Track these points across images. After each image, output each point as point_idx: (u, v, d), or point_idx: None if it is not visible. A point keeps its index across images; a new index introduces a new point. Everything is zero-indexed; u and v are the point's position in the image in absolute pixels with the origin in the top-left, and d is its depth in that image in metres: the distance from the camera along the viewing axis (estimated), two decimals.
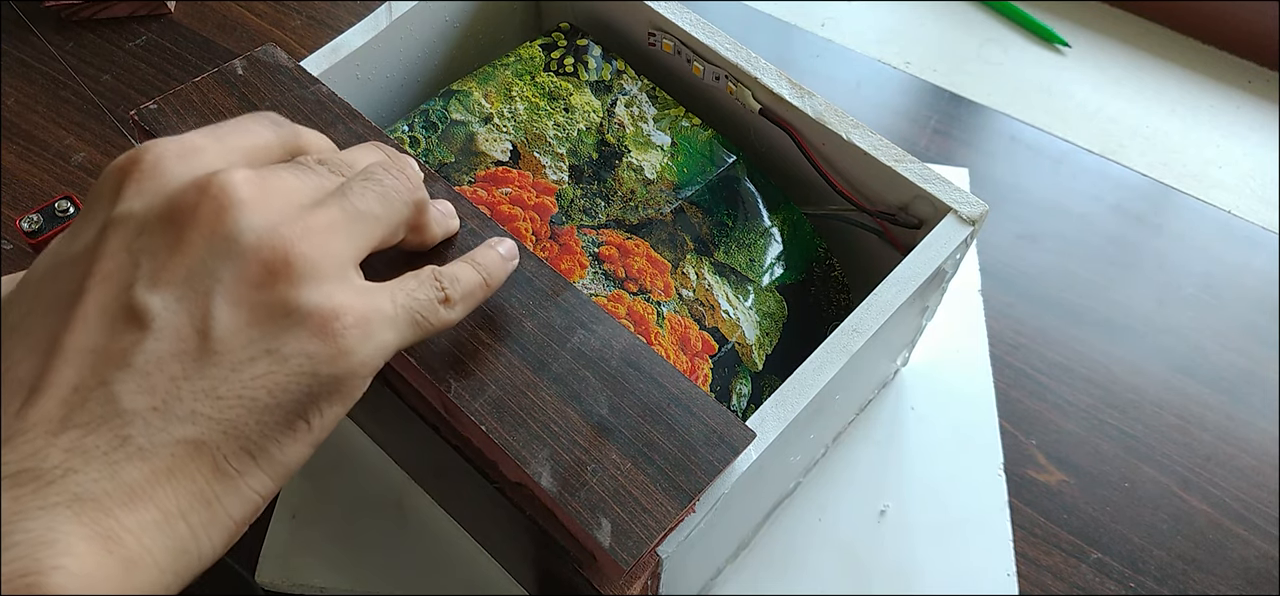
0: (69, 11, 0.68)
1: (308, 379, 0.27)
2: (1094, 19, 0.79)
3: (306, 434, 0.27)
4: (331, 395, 0.27)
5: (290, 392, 0.26)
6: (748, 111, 0.47)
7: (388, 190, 0.31)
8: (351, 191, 0.30)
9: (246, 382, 0.26)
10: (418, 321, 0.30)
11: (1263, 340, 0.59)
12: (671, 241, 0.44)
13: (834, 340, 0.39)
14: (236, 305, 0.26)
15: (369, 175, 0.31)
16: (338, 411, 0.28)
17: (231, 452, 0.26)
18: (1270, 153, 0.72)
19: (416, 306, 0.30)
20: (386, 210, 0.31)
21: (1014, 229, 0.62)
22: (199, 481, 0.25)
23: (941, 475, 0.52)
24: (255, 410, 0.26)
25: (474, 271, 0.34)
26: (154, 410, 0.25)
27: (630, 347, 0.35)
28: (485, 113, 0.47)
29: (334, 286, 0.28)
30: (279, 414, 0.26)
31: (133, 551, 0.24)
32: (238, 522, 0.26)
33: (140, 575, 0.24)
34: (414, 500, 0.49)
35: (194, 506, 0.25)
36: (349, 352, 0.27)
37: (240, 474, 0.26)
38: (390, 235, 0.31)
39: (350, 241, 0.29)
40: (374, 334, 0.28)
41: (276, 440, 0.26)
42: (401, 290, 0.30)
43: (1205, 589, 0.50)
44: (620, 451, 0.33)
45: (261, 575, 0.47)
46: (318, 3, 0.70)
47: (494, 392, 0.34)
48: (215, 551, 0.26)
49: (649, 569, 0.35)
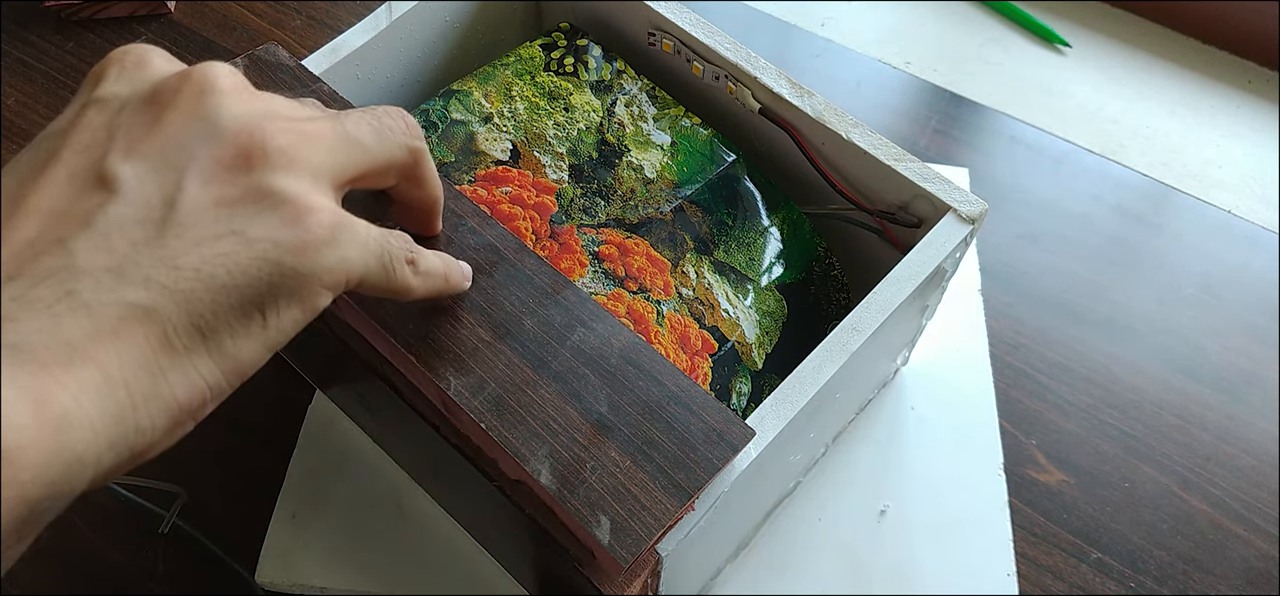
0: (69, 11, 0.68)
1: (270, 267, 0.26)
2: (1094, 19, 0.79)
3: (261, 330, 0.27)
4: (292, 293, 0.27)
5: (250, 277, 0.26)
6: (748, 111, 0.47)
7: (383, 125, 0.31)
8: (344, 116, 0.30)
9: (207, 258, 0.25)
10: (385, 264, 0.30)
11: (1263, 340, 0.59)
12: (671, 240, 0.44)
13: (834, 339, 0.39)
14: (208, 183, 0.26)
15: (367, 109, 0.31)
16: (295, 316, 0.27)
17: (182, 326, 0.25)
18: (1270, 153, 0.72)
19: (387, 250, 0.30)
20: (378, 142, 0.31)
21: (1014, 229, 0.62)
22: (144, 350, 0.24)
23: (941, 475, 0.52)
24: (212, 287, 0.25)
25: (441, 263, 0.34)
26: (107, 270, 0.24)
27: (630, 345, 0.35)
28: (485, 112, 0.47)
29: (308, 185, 0.27)
30: (236, 297, 0.26)
31: (66, 408, 0.23)
32: (180, 405, 0.25)
33: (72, 435, 0.23)
34: (414, 500, 0.49)
35: (136, 374, 0.24)
36: (316, 248, 0.27)
37: (188, 351, 0.25)
38: (379, 170, 0.31)
39: (332, 156, 0.29)
40: (342, 244, 0.28)
41: (230, 326, 0.26)
42: (376, 228, 0.30)
43: (1205, 589, 0.50)
44: (620, 449, 0.33)
45: (261, 575, 0.47)
46: (318, 3, 0.71)
47: (493, 390, 0.34)
48: (154, 431, 0.25)
49: (648, 567, 0.35)
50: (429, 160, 0.33)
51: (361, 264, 0.29)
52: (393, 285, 0.31)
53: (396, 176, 0.33)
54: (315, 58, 0.46)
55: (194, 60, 0.31)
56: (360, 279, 0.29)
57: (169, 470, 0.51)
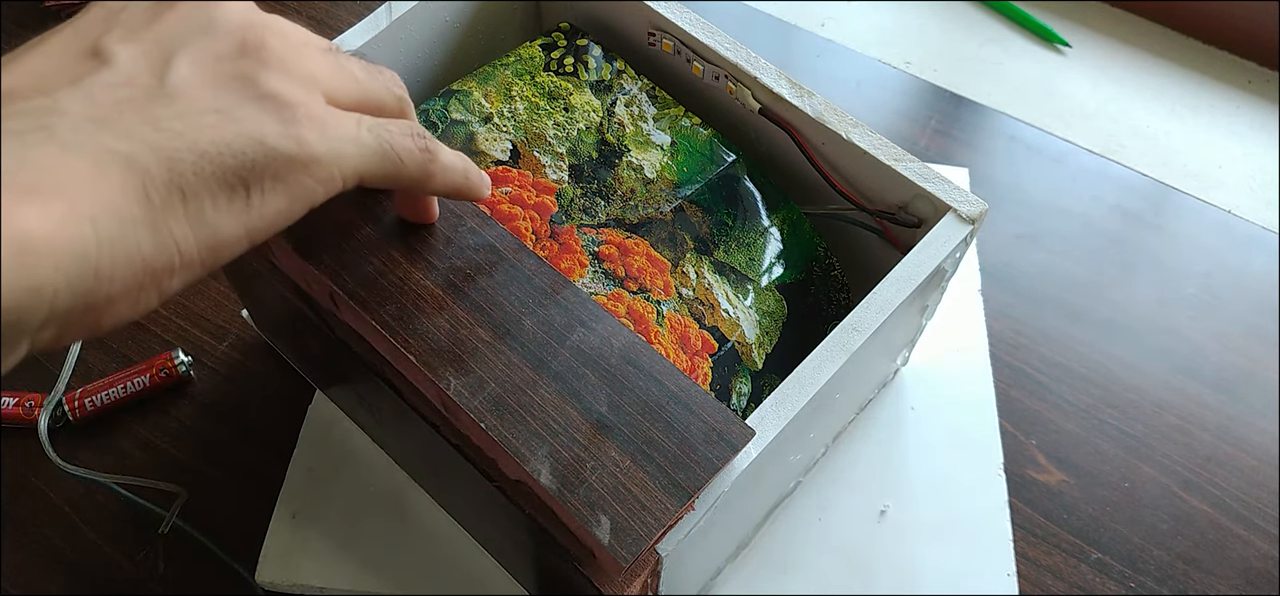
0: (69, 11, 0.68)
1: (255, 144, 0.26)
2: (1094, 19, 0.79)
3: (243, 208, 0.26)
4: (279, 177, 0.27)
5: (234, 149, 0.26)
6: (748, 111, 0.47)
7: (373, 70, 0.32)
8: (338, 51, 0.31)
9: (191, 125, 0.25)
10: (387, 154, 0.30)
11: (1263, 340, 0.59)
12: (671, 240, 0.44)
13: (834, 339, 0.39)
14: (198, 65, 0.27)
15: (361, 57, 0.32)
16: (280, 204, 0.27)
17: (161, 182, 0.25)
18: (1270, 153, 0.72)
19: (389, 139, 0.30)
20: (368, 78, 0.32)
21: (1014, 229, 0.62)
22: (118, 196, 0.24)
23: (941, 475, 0.52)
24: (195, 150, 0.25)
25: (458, 159, 0.34)
26: (88, 119, 0.24)
27: (630, 345, 0.35)
28: (485, 112, 0.47)
29: (299, 86, 0.28)
30: (219, 165, 0.25)
31: (30, 234, 0.22)
32: (147, 264, 0.25)
33: (34, 264, 0.22)
34: (414, 500, 0.49)
35: (105, 216, 0.24)
36: (302, 139, 0.27)
37: (164, 207, 0.25)
38: (368, 107, 0.31)
39: (325, 73, 0.30)
40: (332, 138, 0.28)
41: (212, 195, 0.26)
42: (374, 120, 0.30)
43: (1205, 589, 0.50)
44: (620, 449, 0.33)
45: (261, 575, 0.47)
46: (318, 3, 0.71)
47: (493, 390, 0.34)
48: (113, 283, 0.24)
49: (649, 567, 0.35)
50: (415, 115, 0.34)
51: (357, 156, 0.29)
52: (403, 175, 0.31)
53: (391, 108, 0.33)
54: None
55: None
56: (358, 172, 0.29)
57: (169, 470, 0.51)
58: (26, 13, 0.69)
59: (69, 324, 0.24)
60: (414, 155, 0.31)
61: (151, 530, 0.49)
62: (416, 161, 0.31)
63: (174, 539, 0.49)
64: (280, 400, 0.53)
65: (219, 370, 0.55)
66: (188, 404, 0.53)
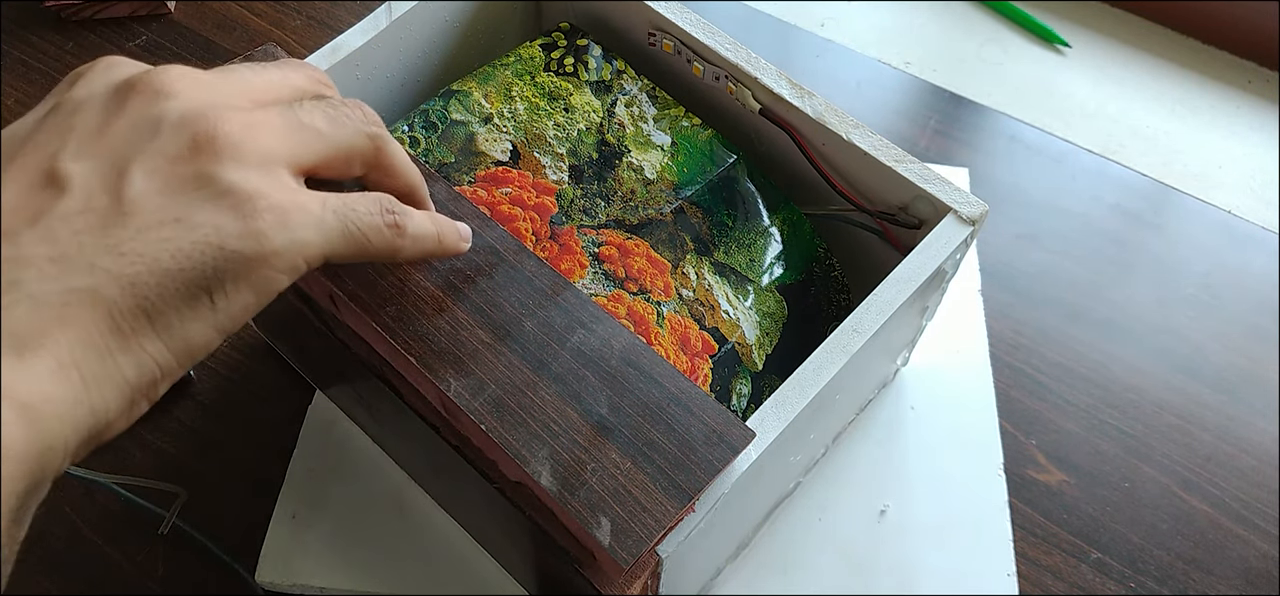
0: (69, 11, 0.68)
1: (214, 251, 0.27)
2: (1094, 19, 0.79)
3: (210, 312, 0.27)
4: (239, 277, 0.27)
5: (195, 261, 0.26)
6: (748, 111, 0.47)
7: (339, 114, 0.31)
8: (299, 105, 0.31)
9: (150, 243, 0.26)
10: (352, 234, 0.30)
11: (1263, 340, 0.59)
12: (671, 241, 0.44)
13: (834, 340, 0.39)
14: (153, 174, 0.27)
15: (325, 98, 0.32)
16: (247, 300, 0.28)
17: (128, 309, 0.25)
18: (1270, 153, 0.72)
19: (353, 218, 0.30)
20: (332, 128, 0.31)
21: (1014, 229, 0.62)
22: (92, 332, 0.25)
23: (941, 475, 0.52)
24: (156, 271, 0.26)
25: (429, 222, 0.34)
26: (51, 260, 0.25)
27: (630, 347, 0.35)
28: (485, 113, 0.47)
29: (256, 173, 0.28)
30: (181, 281, 0.26)
31: (31, 399, 0.24)
32: (133, 386, 0.26)
33: (40, 424, 0.24)
34: (414, 500, 0.49)
35: (86, 357, 0.25)
36: (261, 235, 0.27)
37: (135, 332, 0.26)
38: (339, 158, 0.31)
39: (284, 144, 0.29)
40: (293, 227, 0.28)
41: (177, 309, 0.26)
42: (338, 199, 0.30)
43: (1205, 589, 0.50)
44: (620, 450, 0.33)
45: (261, 575, 0.47)
46: (318, 3, 0.71)
47: (494, 392, 0.34)
48: (107, 412, 0.26)
49: (649, 568, 0.35)
50: (394, 147, 0.33)
51: (321, 242, 0.29)
52: (370, 252, 0.31)
53: (360, 166, 0.33)
54: (315, 58, 0.46)
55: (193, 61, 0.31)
56: (323, 256, 0.29)
57: (169, 470, 0.51)
58: (27, 13, 0.68)
59: (77, 455, 0.26)
60: (381, 233, 0.31)
61: (151, 530, 0.49)
62: (383, 239, 0.31)
63: (174, 539, 0.49)
64: (280, 400, 0.53)
65: (219, 370, 0.55)
66: (188, 404, 0.53)
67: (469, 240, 0.36)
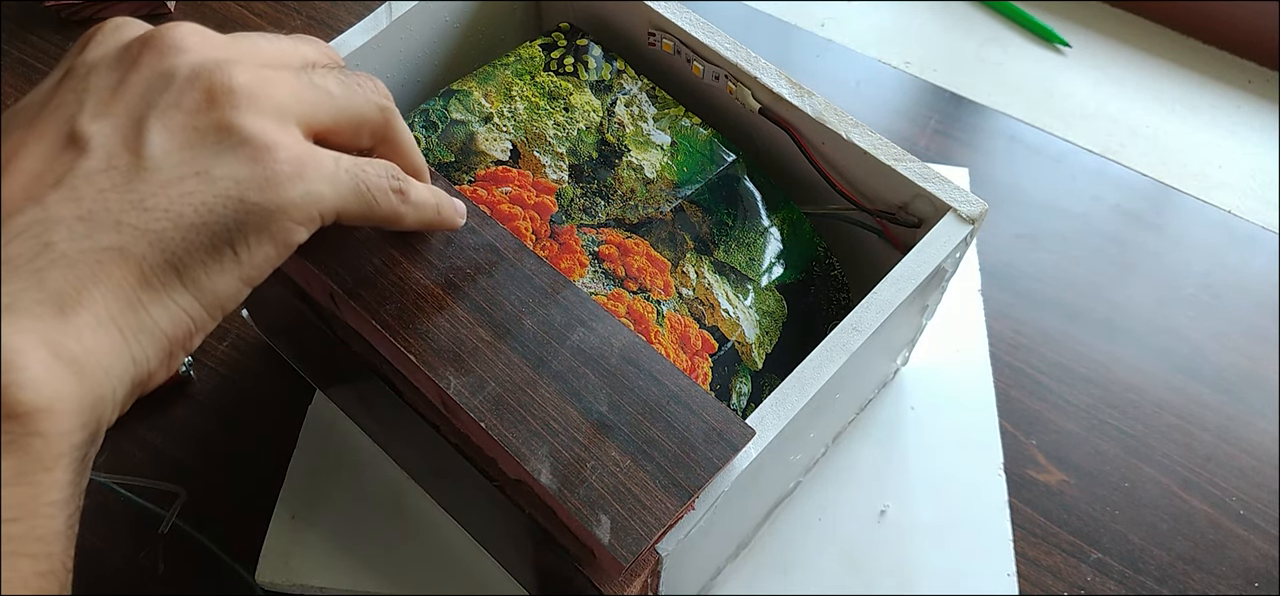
0: (69, 11, 0.68)
1: (234, 204, 0.27)
2: (1094, 19, 0.79)
3: (234, 265, 0.28)
4: (260, 230, 0.28)
5: (217, 214, 0.27)
6: (748, 111, 0.47)
7: (351, 81, 0.32)
8: (312, 69, 0.31)
9: (174, 198, 0.27)
10: (362, 193, 0.31)
11: (1263, 340, 0.59)
12: (671, 240, 0.44)
13: (834, 339, 0.39)
14: (170, 129, 0.27)
15: (338, 68, 0.32)
16: (268, 252, 0.28)
17: (156, 264, 0.26)
18: (1270, 153, 0.72)
19: (364, 178, 0.31)
20: (345, 93, 0.31)
21: (1014, 229, 0.62)
22: (124, 287, 0.26)
23: (941, 475, 0.52)
24: (181, 225, 0.27)
25: (429, 194, 0.34)
26: (79, 219, 0.26)
27: (630, 345, 0.35)
28: (485, 112, 0.47)
29: (271, 123, 0.28)
30: (205, 235, 0.27)
31: (77, 353, 0.25)
32: (168, 337, 0.27)
33: (89, 377, 0.25)
34: (414, 500, 0.49)
35: (123, 311, 0.26)
36: (278, 184, 0.28)
37: (165, 286, 0.27)
38: (349, 125, 0.32)
39: (297, 99, 0.30)
40: (309, 178, 0.29)
41: (202, 263, 0.27)
42: (348, 159, 0.31)
43: (1205, 589, 0.50)
44: (620, 448, 0.33)
45: (261, 575, 0.47)
46: (318, 3, 0.71)
47: (493, 390, 0.34)
48: (148, 362, 0.27)
49: (649, 567, 0.35)
50: (402, 123, 0.34)
51: (334, 196, 0.30)
52: (376, 214, 0.32)
53: (369, 137, 0.33)
54: None
55: None
56: (335, 211, 0.30)
57: (169, 470, 0.51)
58: (27, 13, 0.69)
59: (124, 405, 0.27)
60: (387, 195, 0.32)
61: (151, 530, 0.49)
62: (390, 203, 0.32)
63: (174, 539, 0.49)
64: (280, 400, 0.53)
65: (219, 370, 0.55)
66: (188, 404, 0.53)
67: (464, 216, 0.37)
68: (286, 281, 0.42)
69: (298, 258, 0.37)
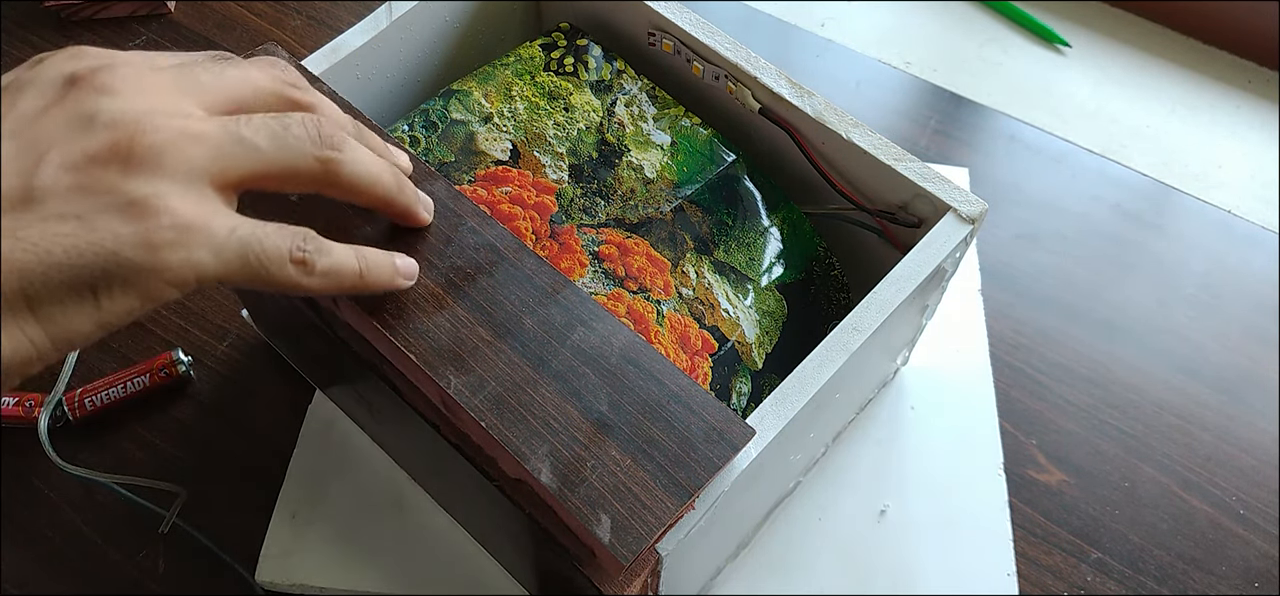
0: (69, 11, 0.68)
1: (107, 256, 0.27)
2: (1094, 19, 0.79)
3: (93, 310, 0.28)
4: (128, 284, 0.28)
5: (87, 259, 0.27)
6: (748, 111, 0.47)
7: (288, 133, 0.31)
8: (246, 120, 0.31)
9: (46, 234, 0.27)
10: (251, 263, 0.30)
11: (1263, 340, 0.59)
12: (671, 240, 0.44)
13: (834, 339, 0.39)
14: (68, 170, 0.27)
15: (277, 114, 0.31)
16: (132, 304, 0.28)
17: (11, 292, 0.26)
18: (1270, 153, 0.72)
19: (257, 248, 0.30)
20: (275, 149, 0.31)
21: (1014, 229, 0.62)
22: None
23: (941, 475, 0.52)
24: (46, 262, 0.27)
25: (352, 259, 0.33)
26: None
27: (630, 345, 0.35)
28: (485, 112, 0.47)
29: (169, 185, 0.28)
30: (69, 275, 0.27)
31: None
32: (5, 360, 0.27)
33: None
34: (414, 500, 0.49)
35: None
36: (156, 247, 0.28)
37: (13, 314, 0.26)
38: (273, 178, 0.31)
39: (213, 158, 0.29)
40: (190, 247, 0.28)
41: (60, 301, 0.27)
42: (248, 226, 0.30)
43: (1205, 589, 0.50)
44: (620, 448, 0.33)
45: (261, 575, 0.47)
46: (318, 3, 0.71)
47: (493, 389, 0.34)
48: None
49: (649, 566, 0.35)
50: (351, 168, 0.33)
51: (216, 265, 0.29)
52: (272, 283, 0.31)
53: (306, 185, 0.32)
54: (315, 58, 0.46)
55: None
56: (218, 278, 0.30)
57: (169, 470, 0.51)
58: (27, 13, 0.69)
59: None
60: (284, 268, 0.31)
61: (151, 530, 0.49)
62: (285, 274, 0.31)
63: (174, 539, 0.49)
64: (280, 400, 0.53)
65: (219, 370, 0.55)
66: (188, 404, 0.53)
67: (412, 277, 0.36)
68: None
69: None
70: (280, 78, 0.33)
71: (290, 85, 0.33)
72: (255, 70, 0.33)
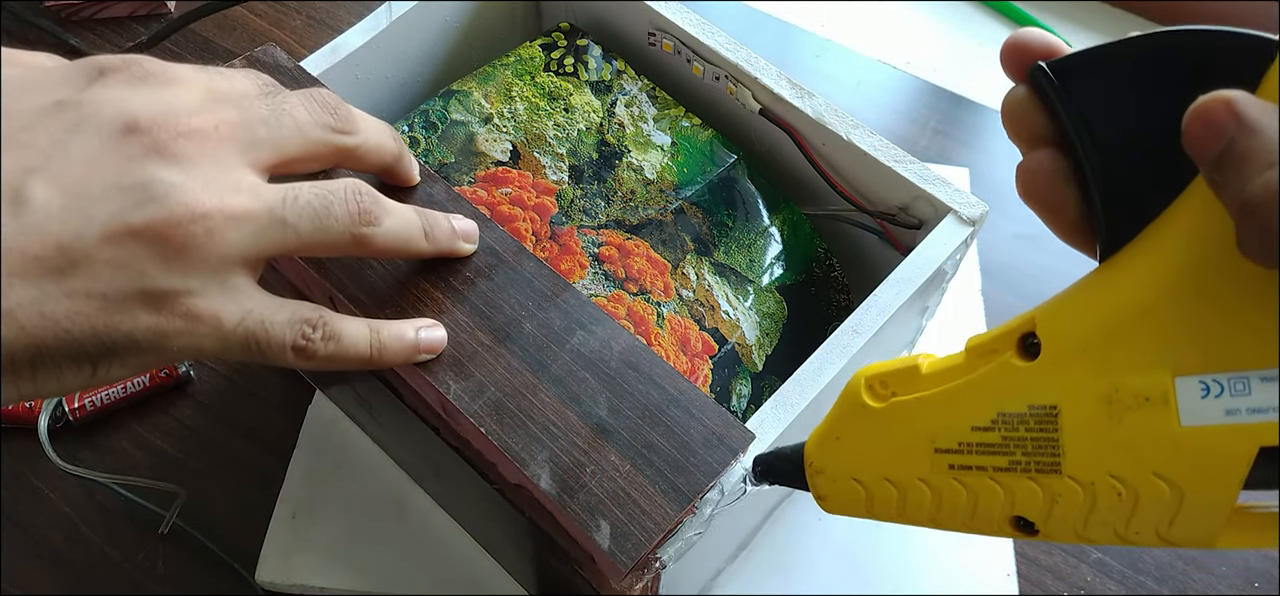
0: (69, 11, 0.68)
1: (119, 338, 0.27)
2: (1094, 19, 0.79)
3: (88, 376, 0.28)
4: (128, 359, 0.28)
5: (98, 339, 0.27)
6: (748, 111, 0.47)
7: (330, 212, 0.31)
8: (290, 198, 0.30)
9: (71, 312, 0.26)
10: (249, 348, 0.30)
11: None
12: (671, 242, 0.44)
13: (834, 340, 0.39)
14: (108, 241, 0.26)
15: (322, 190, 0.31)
16: (125, 373, 0.28)
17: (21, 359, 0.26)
18: None
19: (261, 338, 0.30)
20: (312, 230, 0.30)
21: (1014, 229, 0.62)
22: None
23: None
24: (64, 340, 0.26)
25: (364, 344, 0.33)
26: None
27: (629, 349, 0.35)
28: (485, 113, 0.47)
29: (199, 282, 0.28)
30: (77, 350, 0.27)
31: None
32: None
33: None
34: (414, 500, 0.49)
35: None
36: (165, 336, 0.28)
37: (14, 377, 0.26)
38: (309, 250, 0.31)
39: (252, 241, 0.29)
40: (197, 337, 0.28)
41: (59, 368, 0.27)
42: (256, 317, 0.30)
43: (1205, 589, 0.50)
44: (619, 453, 0.33)
45: (261, 575, 0.47)
46: (318, 3, 0.70)
47: (493, 394, 0.34)
48: None
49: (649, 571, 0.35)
50: (383, 241, 0.33)
51: (217, 350, 0.29)
52: (268, 360, 0.31)
53: (340, 254, 0.33)
54: (315, 58, 0.46)
55: (193, 61, 0.31)
56: (215, 355, 0.30)
57: (169, 470, 0.51)
58: (27, 13, 0.68)
59: None
60: (283, 352, 0.31)
61: (151, 530, 0.49)
62: (284, 360, 0.31)
63: (174, 539, 0.49)
64: (280, 400, 0.53)
65: (219, 370, 0.55)
66: (188, 404, 0.53)
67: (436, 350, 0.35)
68: (286, 285, 0.42)
69: (299, 262, 0.37)
70: (328, 123, 0.32)
71: (335, 131, 0.33)
72: (304, 113, 0.32)
